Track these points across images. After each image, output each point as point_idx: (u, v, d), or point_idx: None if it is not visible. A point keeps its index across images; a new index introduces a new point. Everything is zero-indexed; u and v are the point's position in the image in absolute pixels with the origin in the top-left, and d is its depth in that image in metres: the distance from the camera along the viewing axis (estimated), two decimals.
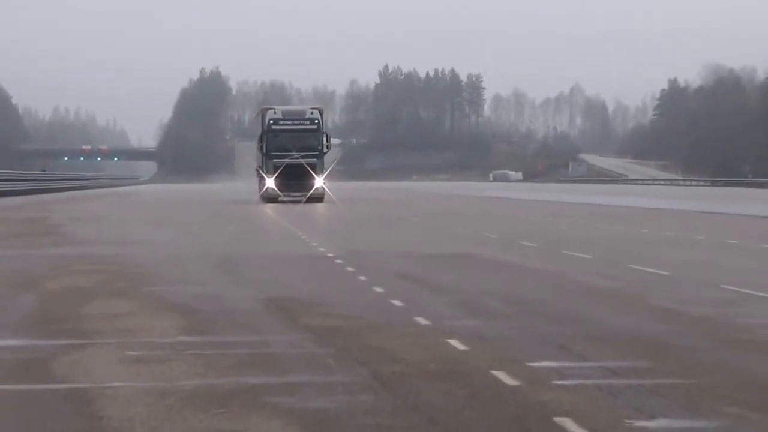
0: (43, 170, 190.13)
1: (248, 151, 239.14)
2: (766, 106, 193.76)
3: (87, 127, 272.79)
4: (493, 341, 20.20)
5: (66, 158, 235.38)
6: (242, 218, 70.46)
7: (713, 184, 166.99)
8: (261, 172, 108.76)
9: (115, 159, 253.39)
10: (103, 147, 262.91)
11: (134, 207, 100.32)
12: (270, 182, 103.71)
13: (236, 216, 75.16)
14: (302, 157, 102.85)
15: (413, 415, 14.64)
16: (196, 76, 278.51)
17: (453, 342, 20.07)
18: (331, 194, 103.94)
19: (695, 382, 16.33)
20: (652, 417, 14.13)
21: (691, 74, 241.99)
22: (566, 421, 13.85)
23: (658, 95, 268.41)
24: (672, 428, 13.65)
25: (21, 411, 15.39)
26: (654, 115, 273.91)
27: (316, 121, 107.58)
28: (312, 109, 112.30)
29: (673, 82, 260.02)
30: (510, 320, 23.24)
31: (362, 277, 31.64)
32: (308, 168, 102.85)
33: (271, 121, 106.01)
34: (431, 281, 31.05)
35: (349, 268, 34.48)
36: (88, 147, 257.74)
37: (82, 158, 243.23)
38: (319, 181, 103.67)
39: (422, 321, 22.87)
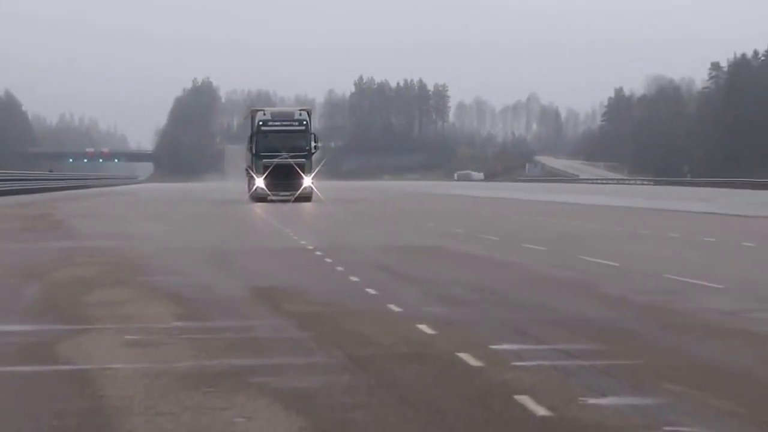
0: (50, 171, 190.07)
1: (236, 154, 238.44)
2: (703, 114, 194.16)
3: (90, 132, 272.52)
4: (458, 326, 20.19)
5: (71, 160, 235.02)
6: (231, 215, 70.36)
7: (656, 183, 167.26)
8: (250, 172, 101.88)
9: (116, 160, 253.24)
10: (105, 150, 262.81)
11: (133, 204, 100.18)
12: (259, 182, 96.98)
13: (226, 213, 75.03)
14: (291, 157, 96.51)
15: (386, 394, 14.62)
16: (188, 85, 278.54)
17: (422, 327, 20.05)
18: (318, 193, 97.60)
19: (642, 363, 16.34)
20: (603, 395, 14.13)
21: (636, 84, 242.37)
22: (525, 399, 13.84)
23: (605, 103, 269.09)
24: (621, 405, 13.61)
25: (27, 391, 15.33)
26: (602, 120, 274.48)
27: (305, 122, 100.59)
28: (300, 110, 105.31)
29: (619, 91, 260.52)
30: (474, 307, 23.26)
31: (340, 268, 31.62)
32: (297, 168, 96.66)
33: (261, 122, 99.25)
34: (403, 272, 31.04)
35: (328, 260, 34.45)
36: (91, 150, 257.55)
37: (85, 160, 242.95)
38: (307, 181, 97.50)
39: (394, 308, 22.84)
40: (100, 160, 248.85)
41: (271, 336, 19.68)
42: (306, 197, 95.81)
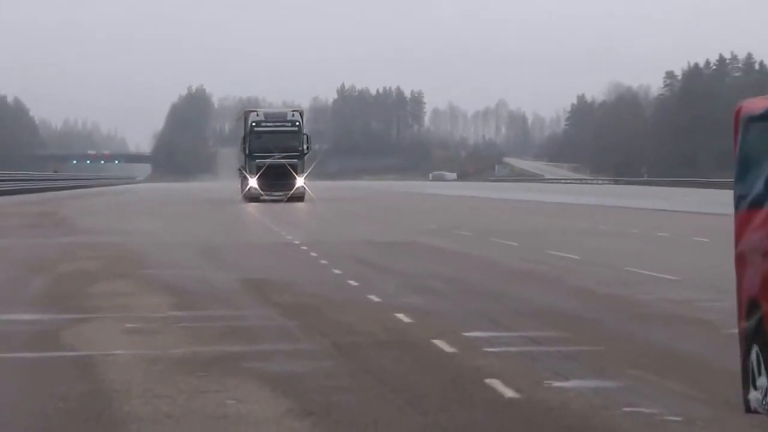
0: (55, 171, 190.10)
1: (228, 156, 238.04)
2: (659, 119, 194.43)
3: (92, 135, 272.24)
4: (434, 315, 20.20)
5: (74, 161, 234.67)
6: (223, 213, 70.34)
7: (616, 182, 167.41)
8: (244, 172, 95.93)
9: (116, 162, 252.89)
10: (106, 152, 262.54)
11: (132, 203, 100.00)
12: (252, 182, 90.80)
13: (218, 210, 74.98)
14: (284, 157, 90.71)
15: (367, 378, 14.63)
16: (184, 92, 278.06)
17: (400, 316, 20.05)
18: (311, 193, 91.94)
19: (603, 349, 16.36)
20: (567, 379, 14.13)
21: (597, 91, 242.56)
22: (495, 382, 13.84)
23: (569, 108, 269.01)
24: (584, 388, 13.63)
25: (34, 375, 15.33)
26: (566, 125, 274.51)
27: (297, 123, 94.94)
28: (293, 111, 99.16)
29: (581, 98, 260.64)
30: (448, 298, 23.27)
31: (324, 261, 31.63)
32: (290, 168, 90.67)
33: (254, 123, 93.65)
34: (382, 265, 31.06)
35: (313, 254, 34.46)
36: (93, 152, 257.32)
37: (88, 161, 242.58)
38: (300, 181, 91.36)
39: (374, 298, 22.85)
40: (102, 162, 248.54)
41: (260, 324, 19.70)
42: (299, 197, 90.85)
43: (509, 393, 13.33)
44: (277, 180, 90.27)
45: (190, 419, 12.15)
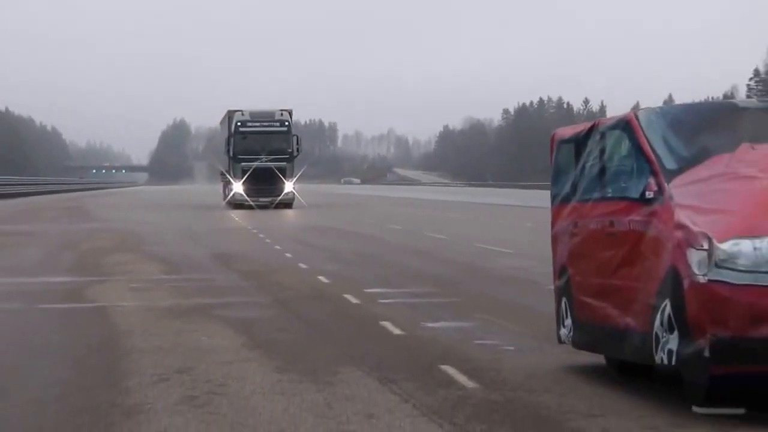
0: (80, 178, 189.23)
1: (201, 168, 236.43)
2: (499, 141, 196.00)
3: (106, 152, 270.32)
4: (344, 277, 20.21)
5: (94, 171, 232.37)
6: (200, 207, 69.96)
7: (469, 185, 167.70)
8: (227, 176, 66.15)
9: (123, 171, 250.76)
10: (116, 164, 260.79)
11: (134, 200, 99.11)
12: (237, 187, 62.85)
13: (197, 206, 74.61)
14: (271, 160, 62.58)
15: (297, 321, 14.65)
16: (170, 122, 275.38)
17: (321, 278, 20.06)
18: (301, 199, 64.60)
19: (461, 301, 16.43)
20: (436, 321, 14.19)
21: (456, 121, 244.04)
22: (387, 324, 13.87)
23: (437, 134, 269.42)
24: (448, 327, 13.70)
25: (66, 319, 15.26)
26: (435, 146, 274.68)
27: (286, 123, 64.93)
28: (281, 111, 67.31)
29: (446, 126, 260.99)
30: (355, 265, 23.30)
31: (268, 241, 31.59)
32: (277, 172, 62.55)
33: (239, 123, 64.02)
34: (309, 243, 31.04)
35: (261, 235, 34.40)
36: (108, 164, 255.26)
37: (103, 171, 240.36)
38: (288, 186, 63.21)
39: (303, 266, 22.84)
40: (113, 171, 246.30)
41: (224, 284, 19.68)
42: (287, 203, 63.00)
43: (396, 331, 13.38)
44: (264, 185, 62.37)
45: (175, 350, 12.13)
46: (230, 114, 66.02)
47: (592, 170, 10.05)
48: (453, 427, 8.17)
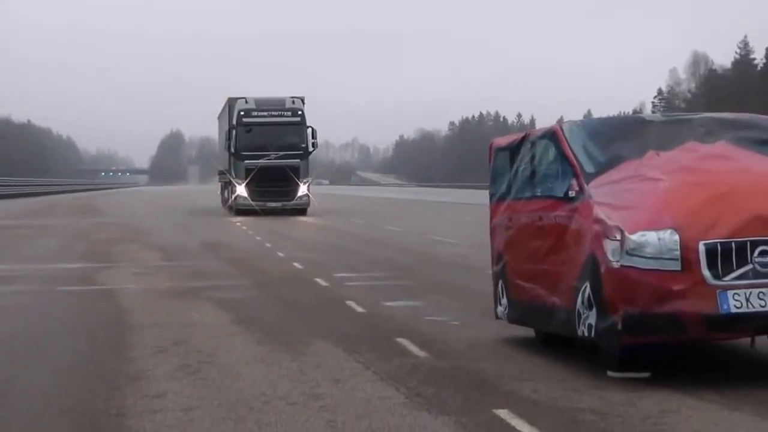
0: (92, 179, 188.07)
1: (194, 171, 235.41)
2: (446, 149, 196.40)
3: (113, 157, 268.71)
4: (316, 264, 20.16)
5: (102, 173, 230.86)
6: (193, 204, 69.70)
7: (421, 186, 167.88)
8: (229, 176, 47.96)
9: (127, 174, 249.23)
10: (122, 167, 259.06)
11: (136, 199, 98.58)
12: (241, 189, 44.96)
13: (190, 203, 74.37)
14: (282, 157, 44.50)
15: (275, 301, 14.60)
16: (168, 132, 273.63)
17: (296, 264, 20.02)
18: (316, 204, 47.06)
19: (415, 283, 16.43)
20: (393, 300, 14.18)
21: (411, 132, 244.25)
22: (352, 303, 13.85)
23: (394, 143, 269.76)
24: (403, 306, 13.68)
25: (80, 299, 15.15)
26: (393, 152, 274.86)
27: (300, 113, 45.63)
28: (293, 98, 47.03)
29: (402, 136, 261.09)
30: (325, 253, 23.24)
31: (251, 232, 31.50)
32: (289, 171, 44.41)
33: (242, 113, 45.27)
34: (286, 234, 30.97)
35: (244, 227, 34.32)
36: (114, 167, 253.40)
37: (110, 173, 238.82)
38: (303, 188, 44.93)
39: (280, 254, 22.79)
40: (119, 173, 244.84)
41: (213, 269, 19.59)
42: (301, 208, 44.77)
43: (359, 309, 13.38)
44: (272, 186, 44.30)
45: (171, 326, 12.08)
46: (231, 102, 47.19)
47: (524, 173, 10.08)
48: (407, 390, 8.18)
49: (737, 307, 7.91)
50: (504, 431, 6.81)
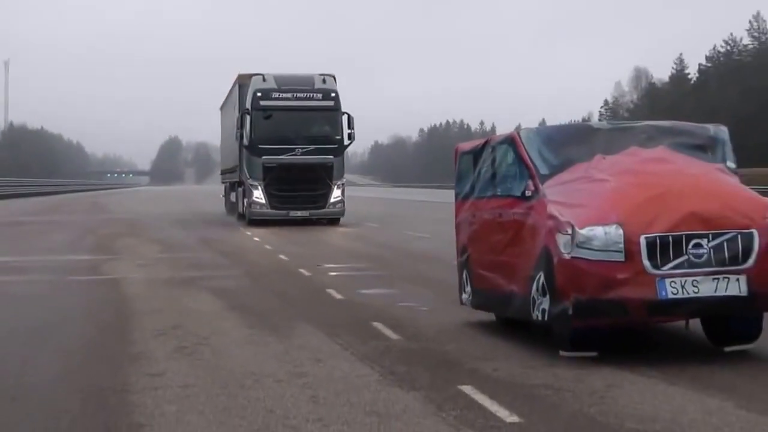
0: (98, 180, 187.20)
1: (190, 174, 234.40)
2: (417, 154, 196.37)
3: (118, 160, 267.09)
4: (300, 256, 20.10)
5: (108, 175, 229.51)
6: (190, 203, 69.40)
7: (394, 186, 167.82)
8: (240, 175, 32.39)
9: (131, 175, 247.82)
10: (125, 170, 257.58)
11: (138, 197, 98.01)
12: (258, 194, 29.91)
13: (188, 203, 74.05)
14: (310, 152, 29.44)
15: (264, 289, 14.57)
16: (167, 137, 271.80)
17: (282, 256, 19.98)
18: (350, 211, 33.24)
19: (390, 273, 16.43)
20: (369, 288, 14.17)
21: (384, 138, 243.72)
22: (332, 291, 13.83)
23: (369, 147, 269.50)
24: (379, 293, 13.67)
25: (88, 287, 15.07)
26: (369, 155, 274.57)
27: (333, 95, 29.82)
28: (323, 75, 30.21)
29: (377, 141, 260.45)
30: (308, 247, 23.18)
31: (242, 228, 31.37)
32: (321, 170, 29.89)
33: (259, 94, 29.65)
34: (273, 230, 30.84)
35: (236, 224, 34.20)
36: (119, 169, 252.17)
37: (115, 175, 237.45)
38: (336, 192, 30.79)
39: (268, 247, 22.75)
40: (123, 175, 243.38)
41: (208, 261, 19.53)
42: (334, 217, 31.81)
43: (339, 296, 13.37)
44: (298, 190, 30.39)
45: (170, 312, 12.04)
46: (242, 81, 32.96)
47: (486, 175, 10.10)
48: (381, 369, 8.18)
49: (674, 294, 7.96)
50: (468, 405, 6.82)
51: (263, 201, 30.52)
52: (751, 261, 8.00)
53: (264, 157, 30.36)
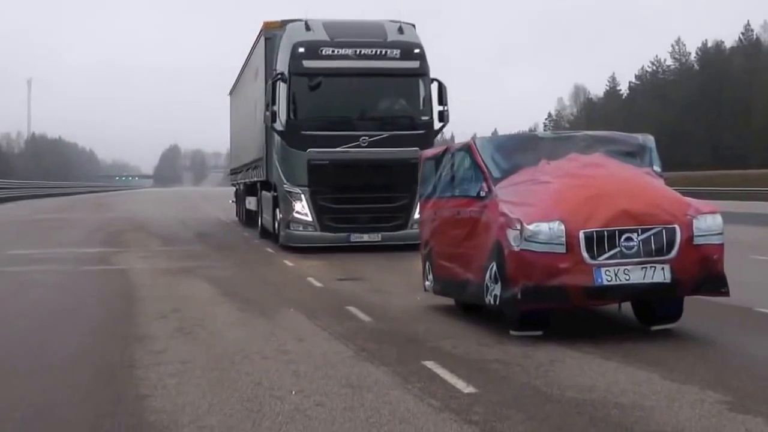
0: (108, 183, 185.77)
1: (188, 177, 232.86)
2: None
3: (125, 165, 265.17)
4: (285, 248, 19.91)
5: (116, 178, 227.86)
6: (188, 204, 68.94)
7: None
8: (271, 177, 16.51)
9: (136, 178, 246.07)
10: (131, 173, 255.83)
11: (142, 198, 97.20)
12: (301, 205, 14.17)
13: (187, 203, 73.55)
14: (383, 142, 12.31)
15: (253, 278, 14.47)
16: (167, 145, 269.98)
17: (269, 249, 19.69)
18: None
19: (362, 264, 16.32)
20: (345, 279, 14.13)
21: None
22: (312, 279, 13.77)
23: None
24: (354, 284, 13.63)
25: (98, 276, 14.93)
26: None
27: (417, 51, 12.37)
28: (400, 23, 12.85)
29: None
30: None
31: (231, 223, 31.21)
32: (401, 170, 12.76)
33: (301, 50, 12.33)
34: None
35: (226, 221, 33.99)
36: (125, 173, 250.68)
37: (123, 178, 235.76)
38: (418, 206, 9.88)
39: (256, 241, 22.60)
40: (129, 178, 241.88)
41: (203, 253, 19.37)
42: (414, 240, 12.90)
43: (318, 284, 13.32)
44: (366, 201, 14.11)
45: (170, 297, 11.96)
46: (271, 30, 17.76)
47: (446, 178, 10.11)
48: (355, 347, 8.17)
49: (608, 281, 8.00)
50: (430, 378, 6.83)
51: (309, 218, 17.09)
52: (674, 252, 8.07)
53: (310, 150, 16.46)
